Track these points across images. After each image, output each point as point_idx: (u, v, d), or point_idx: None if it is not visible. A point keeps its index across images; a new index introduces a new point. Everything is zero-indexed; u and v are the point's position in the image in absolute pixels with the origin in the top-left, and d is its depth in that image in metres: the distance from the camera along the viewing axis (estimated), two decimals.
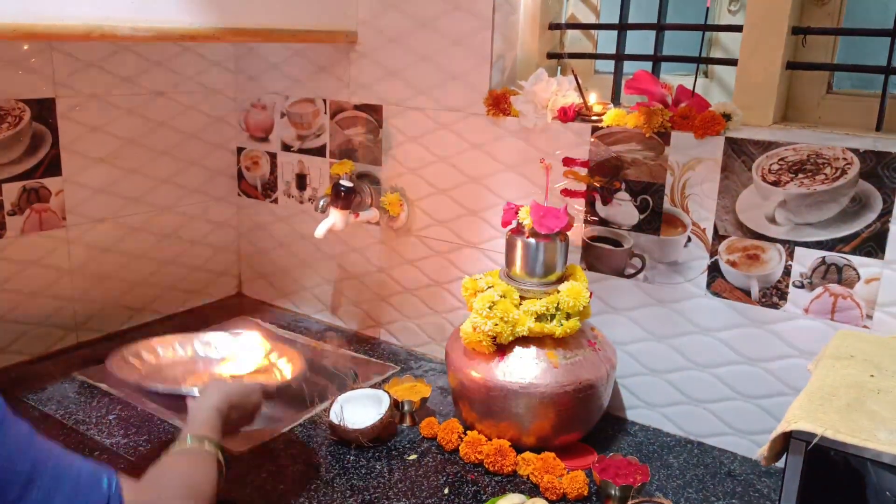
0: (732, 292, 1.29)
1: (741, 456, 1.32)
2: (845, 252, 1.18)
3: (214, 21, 1.33)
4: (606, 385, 1.29)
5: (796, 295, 1.23)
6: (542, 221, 1.26)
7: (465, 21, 1.49)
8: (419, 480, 1.22)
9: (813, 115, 1.37)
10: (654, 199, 1.34)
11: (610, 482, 1.15)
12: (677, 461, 1.31)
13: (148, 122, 1.75)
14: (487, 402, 1.26)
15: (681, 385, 1.38)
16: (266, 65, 1.83)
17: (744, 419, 1.32)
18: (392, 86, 1.62)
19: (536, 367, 1.24)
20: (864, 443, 0.81)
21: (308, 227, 1.82)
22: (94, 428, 1.34)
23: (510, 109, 1.46)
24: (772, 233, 1.24)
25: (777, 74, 1.31)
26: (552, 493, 1.17)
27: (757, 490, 1.23)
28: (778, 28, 1.29)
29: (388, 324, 1.77)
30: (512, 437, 1.27)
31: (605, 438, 1.37)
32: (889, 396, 0.90)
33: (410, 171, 1.64)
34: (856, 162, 1.15)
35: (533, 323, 1.24)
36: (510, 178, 1.50)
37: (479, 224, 1.56)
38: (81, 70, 1.60)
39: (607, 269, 1.42)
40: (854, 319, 1.19)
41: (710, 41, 1.51)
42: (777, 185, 1.21)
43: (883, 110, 1.27)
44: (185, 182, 1.86)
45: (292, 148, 1.84)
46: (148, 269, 1.82)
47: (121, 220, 1.74)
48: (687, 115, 1.28)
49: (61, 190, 1.61)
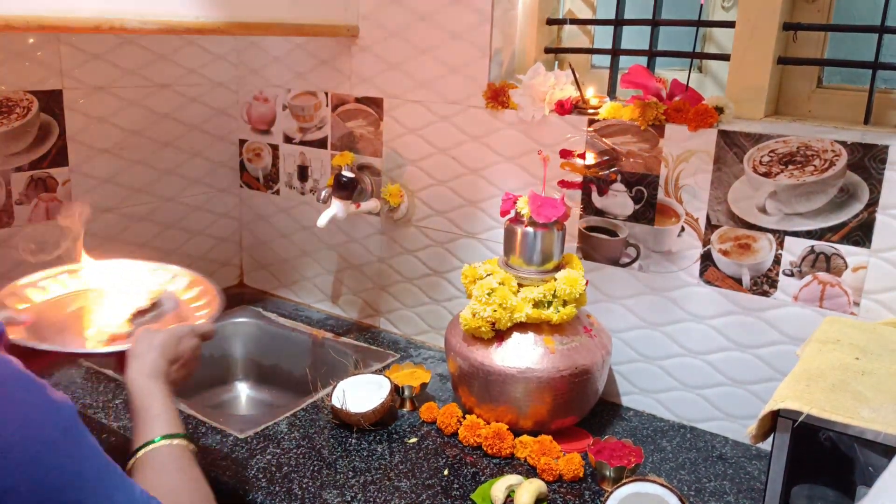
0: (724, 281, 1.33)
1: (732, 440, 1.36)
2: (833, 241, 1.22)
3: (220, 15, 1.36)
4: (602, 370, 1.33)
5: (786, 283, 1.27)
6: (540, 211, 1.29)
7: (464, 15, 1.53)
8: (419, 462, 1.26)
9: (803, 108, 1.41)
10: (648, 190, 1.37)
11: (605, 463, 1.18)
12: (670, 445, 1.34)
13: (152, 113, 1.78)
14: (486, 386, 1.29)
15: (674, 371, 1.41)
16: (268, 58, 1.86)
17: (735, 404, 1.36)
18: (392, 79, 1.66)
19: (534, 353, 1.27)
20: (848, 420, 0.84)
21: (309, 218, 1.86)
22: (101, 412, 1.37)
23: (509, 102, 1.49)
24: (762, 223, 1.27)
25: (769, 69, 1.34)
26: (549, 475, 1.20)
27: (747, 472, 1.26)
28: (770, 24, 1.32)
29: (387, 313, 1.81)
30: (510, 420, 1.31)
31: (601, 423, 1.41)
32: (873, 378, 0.94)
33: (410, 163, 1.67)
34: (844, 154, 1.18)
35: (530, 309, 1.28)
36: (508, 170, 1.53)
37: (478, 214, 1.59)
38: (88, 62, 1.63)
39: (603, 258, 1.45)
40: (842, 307, 1.23)
41: (703, 37, 1.54)
42: (768, 176, 1.25)
43: (871, 104, 1.30)
44: (189, 173, 1.89)
45: (294, 140, 1.87)
46: (151, 258, 1.82)
47: (125, 210, 1.77)
48: (681, 108, 1.31)
49: (68, 180, 1.64)
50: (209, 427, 1.33)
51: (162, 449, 0.88)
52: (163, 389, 0.94)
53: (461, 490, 1.18)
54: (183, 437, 0.91)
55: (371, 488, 1.18)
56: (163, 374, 0.96)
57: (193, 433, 1.30)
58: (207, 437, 1.30)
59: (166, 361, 0.97)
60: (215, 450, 1.26)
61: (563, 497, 1.17)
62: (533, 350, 1.27)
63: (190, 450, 0.91)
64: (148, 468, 0.86)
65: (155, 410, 0.91)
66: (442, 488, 1.18)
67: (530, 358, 1.27)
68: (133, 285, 1.23)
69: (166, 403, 0.93)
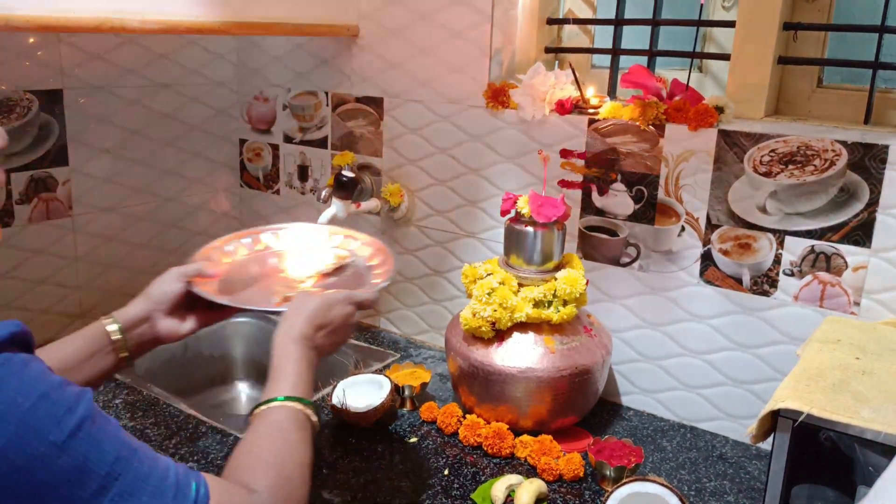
0: (725, 280, 1.33)
1: (733, 440, 1.36)
2: (834, 241, 1.22)
3: (221, 14, 1.36)
4: (602, 370, 1.33)
5: (786, 283, 1.27)
6: (540, 210, 1.30)
7: (465, 15, 1.53)
8: (420, 462, 1.26)
9: (803, 108, 1.41)
10: (648, 190, 1.37)
11: (605, 463, 1.18)
12: (671, 444, 1.34)
13: (152, 113, 1.78)
14: (486, 386, 1.29)
15: (674, 371, 1.41)
16: (268, 58, 1.86)
17: (735, 404, 1.36)
18: (393, 78, 1.66)
19: (534, 353, 1.27)
20: (849, 420, 0.84)
21: (309, 218, 1.85)
22: None
23: (509, 102, 1.49)
24: (763, 222, 1.27)
25: (769, 69, 1.34)
26: (549, 475, 1.20)
27: (748, 472, 1.26)
28: (770, 24, 1.32)
29: (387, 312, 1.81)
30: (510, 420, 1.31)
31: (601, 423, 1.41)
32: (873, 378, 0.94)
33: (411, 163, 1.67)
34: (844, 153, 1.18)
35: (531, 309, 1.28)
36: (509, 169, 1.53)
37: (479, 214, 1.59)
38: (88, 62, 1.63)
39: (603, 258, 1.45)
40: (842, 306, 1.23)
41: (703, 36, 1.54)
42: (768, 175, 1.25)
43: (871, 104, 1.30)
44: (189, 173, 1.89)
45: (294, 140, 1.87)
46: (152, 258, 1.85)
47: (126, 210, 1.77)
48: (681, 108, 1.31)
49: (68, 180, 1.64)
50: (209, 427, 1.33)
51: (278, 409, 0.87)
52: (301, 353, 0.94)
53: (461, 490, 1.18)
54: (302, 403, 0.89)
55: (371, 488, 1.18)
56: (306, 338, 0.95)
57: (193, 433, 1.31)
58: (207, 436, 1.30)
59: (313, 326, 0.97)
60: (215, 450, 1.26)
61: (563, 497, 1.17)
62: (533, 350, 1.27)
63: (306, 415, 0.89)
64: (259, 424, 0.86)
65: (286, 372, 0.92)
66: (442, 488, 1.18)
67: (530, 358, 1.27)
68: (319, 249, 1.26)
69: (299, 367, 0.93)
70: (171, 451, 1.25)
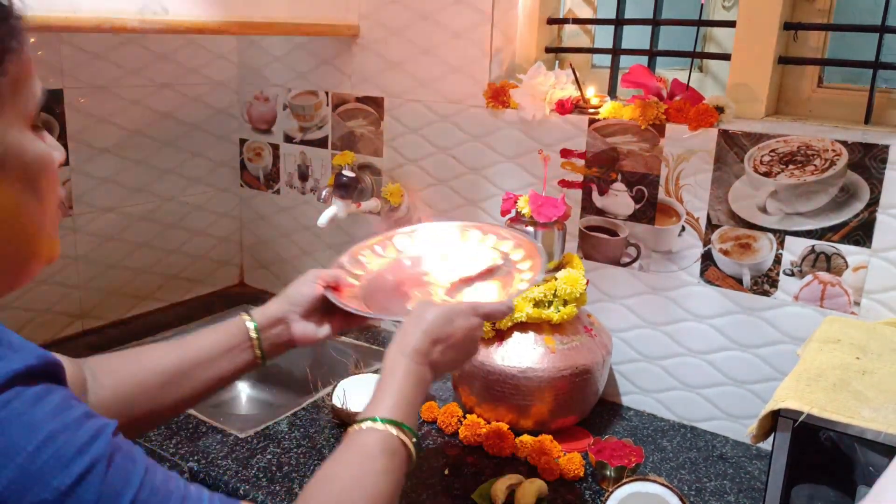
0: (725, 280, 1.33)
1: (733, 440, 1.36)
2: (834, 241, 1.22)
3: (221, 14, 1.36)
4: (602, 370, 1.33)
5: (786, 283, 1.27)
6: (541, 210, 1.30)
7: (465, 15, 1.53)
8: (420, 462, 1.25)
9: (804, 108, 1.41)
10: (649, 190, 1.37)
11: (605, 463, 1.18)
12: (671, 444, 1.34)
13: (153, 113, 1.78)
14: (486, 385, 1.29)
15: (674, 371, 1.41)
16: (269, 58, 1.86)
17: (736, 404, 1.36)
18: (393, 78, 1.66)
19: (534, 352, 1.27)
20: (849, 420, 0.85)
21: (309, 218, 1.85)
22: None
23: (509, 102, 1.49)
24: (763, 222, 1.27)
25: (769, 69, 1.34)
26: (549, 475, 1.21)
27: (748, 472, 1.26)
28: (770, 24, 1.32)
29: None
30: (510, 420, 1.31)
31: (601, 423, 1.41)
32: (873, 378, 0.94)
33: (411, 162, 1.67)
34: (844, 153, 1.18)
35: (531, 309, 1.28)
36: (509, 169, 1.53)
37: (479, 214, 1.59)
38: (88, 62, 1.63)
39: (603, 258, 1.45)
40: (842, 306, 1.23)
41: (704, 36, 1.54)
42: (768, 175, 1.25)
43: (871, 104, 1.30)
44: (189, 173, 1.89)
45: (295, 139, 1.87)
46: (152, 258, 1.85)
47: (126, 210, 1.77)
48: (681, 107, 1.31)
49: (68, 179, 1.64)
50: (209, 427, 1.33)
51: (368, 432, 0.78)
52: (410, 369, 0.84)
53: (461, 490, 1.18)
54: (399, 427, 0.79)
55: None
56: (420, 353, 0.85)
57: (193, 433, 1.31)
58: (208, 436, 1.30)
59: (429, 340, 0.86)
60: (215, 450, 1.26)
61: (563, 497, 1.17)
62: (533, 350, 1.28)
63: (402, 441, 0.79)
64: (345, 448, 0.77)
65: (388, 391, 0.82)
66: (442, 488, 1.18)
67: (531, 357, 1.27)
68: (469, 250, 1.13)
69: (403, 386, 0.83)
70: (172, 451, 1.25)
